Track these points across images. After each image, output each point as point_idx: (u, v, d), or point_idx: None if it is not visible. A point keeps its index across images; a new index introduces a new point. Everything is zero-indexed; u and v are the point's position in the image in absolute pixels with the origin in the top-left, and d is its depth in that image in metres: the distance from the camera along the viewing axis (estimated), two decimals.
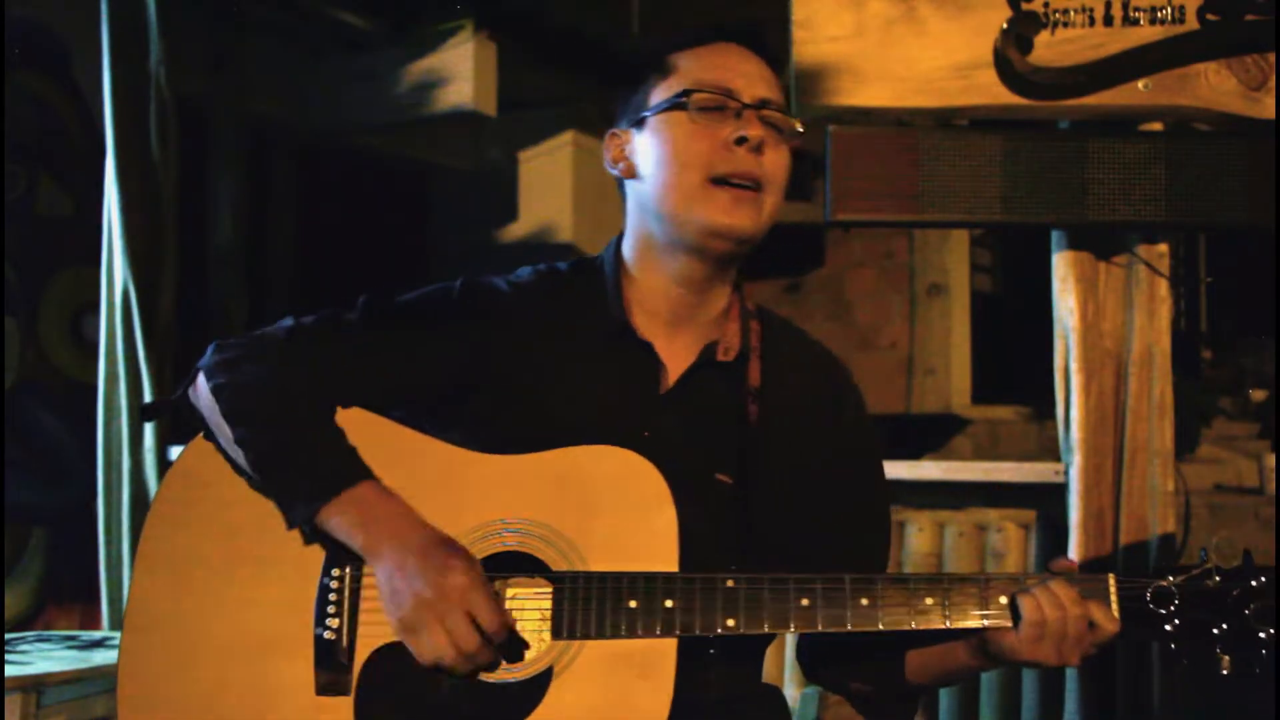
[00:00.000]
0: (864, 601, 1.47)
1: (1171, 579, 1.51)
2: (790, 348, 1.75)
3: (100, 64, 3.73)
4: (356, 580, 1.52)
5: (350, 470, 1.53)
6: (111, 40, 3.72)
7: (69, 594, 4.11)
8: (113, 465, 3.81)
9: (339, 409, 1.60)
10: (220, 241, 4.60)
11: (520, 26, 4.74)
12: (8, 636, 3.24)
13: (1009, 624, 1.49)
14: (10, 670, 2.74)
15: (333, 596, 1.53)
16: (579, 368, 1.64)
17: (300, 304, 5.19)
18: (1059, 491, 2.98)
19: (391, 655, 1.49)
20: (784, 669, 3.36)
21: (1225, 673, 1.48)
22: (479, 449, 1.60)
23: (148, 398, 3.74)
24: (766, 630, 1.47)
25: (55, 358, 4.17)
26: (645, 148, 1.65)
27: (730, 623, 1.46)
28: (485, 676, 1.47)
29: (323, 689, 1.49)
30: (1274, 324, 4.44)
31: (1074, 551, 2.91)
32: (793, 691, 3.37)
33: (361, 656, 1.50)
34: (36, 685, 2.75)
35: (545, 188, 5.65)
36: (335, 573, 1.54)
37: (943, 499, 3.43)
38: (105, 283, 3.79)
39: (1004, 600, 1.50)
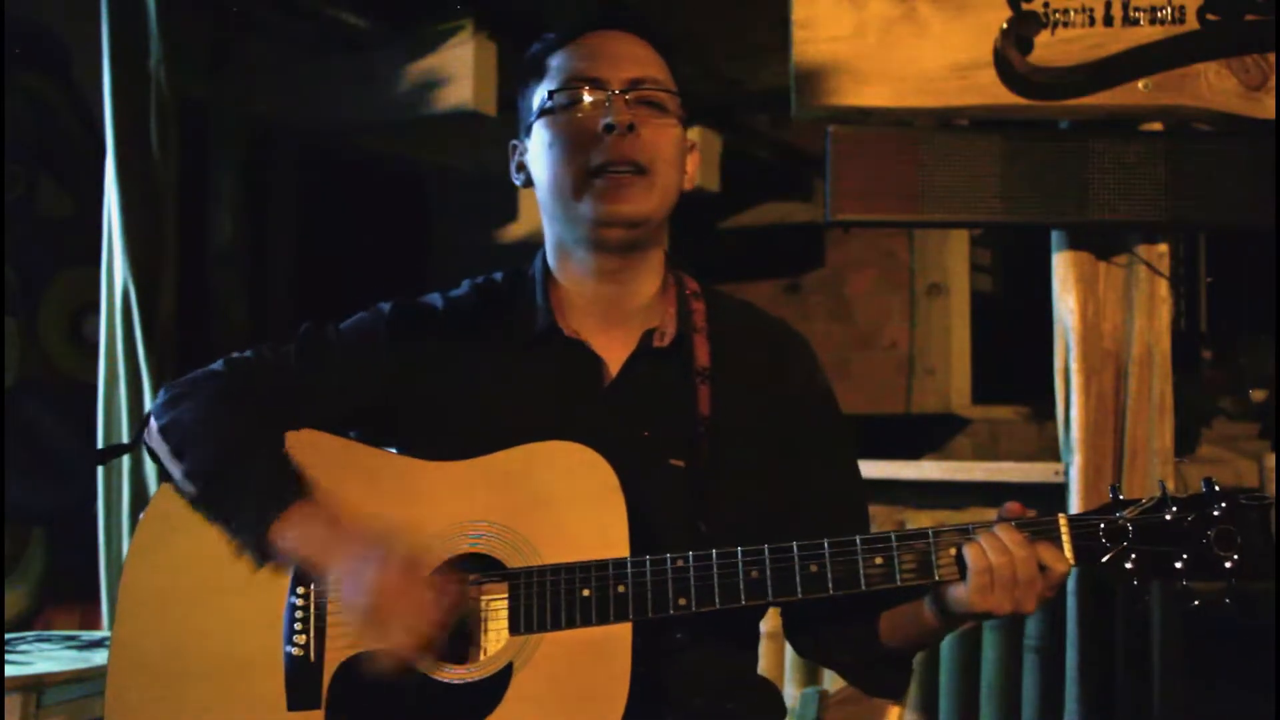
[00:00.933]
0: (813, 568, 1.48)
1: (1125, 513, 1.48)
2: (740, 323, 1.74)
3: (100, 64, 3.73)
4: (322, 596, 1.55)
5: (284, 491, 1.55)
6: (111, 40, 3.72)
7: (69, 594, 4.11)
8: (113, 465, 3.81)
9: (291, 432, 1.62)
10: (220, 241, 4.60)
11: (520, 26, 4.74)
12: (8, 636, 3.24)
13: (959, 577, 1.48)
14: (10, 670, 2.74)
15: (299, 614, 1.56)
16: (516, 374, 1.66)
17: (300, 304, 5.16)
18: (1059, 491, 2.98)
19: (358, 666, 1.52)
20: (784, 669, 3.37)
21: (1196, 603, 1.45)
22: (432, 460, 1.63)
23: (148, 398, 3.74)
24: (719, 606, 1.48)
25: (55, 358, 4.17)
26: (533, 153, 1.68)
27: (682, 601, 1.47)
28: (447, 677, 1.49)
29: (294, 704, 1.52)
30: (1274, 324, 4.44)
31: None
32: (793, 691, 3.37)
33: (329, 670, 1.53)
34: (36, 685, 2.75)
35: None
36: (300, 590, 1.57)
37: (943, 499, 3.44)
38: (105, 283, 3.79)
39: (953, 551, 1.49)
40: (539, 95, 1.66)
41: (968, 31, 2.83)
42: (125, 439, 3.77)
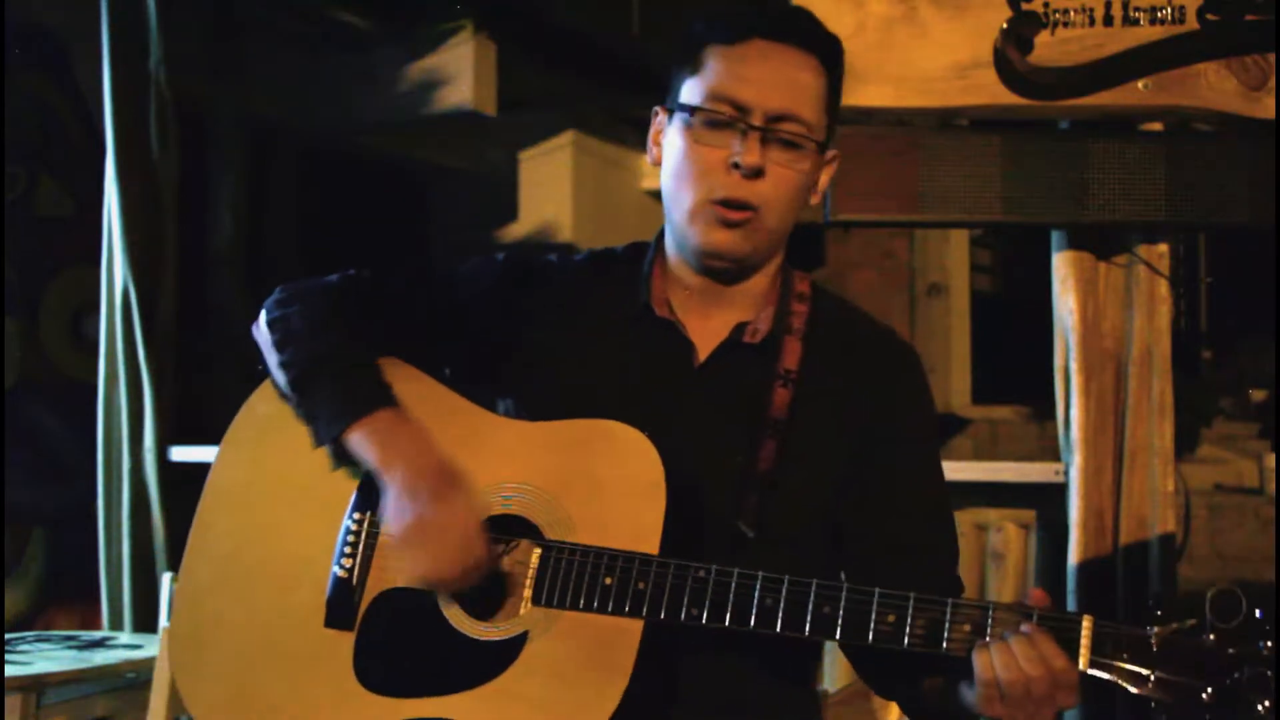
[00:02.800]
0: (825, 610, 1.45)
1: (1156, 630, 1.33)
2: (843, 330, 1.70)
3: (100, 64, 3.73)
4: (375, 526, 1.62)
5: (376, 396, 1.61)
6: (111, 40, 3.72)
7: (69, 594, 4.11)
8: (113, 465, 3.82)
9: (384, 359, 1.69)
10: (220, 241, 4.59)
11: (520, 26, 4.74)
12: (8, 636, 3.24)
13: (968, 656, 1.40)
14: (10, 670, 2.74)
15: (350, 538, 1.63)
16: (611, 344, 1.68)
17: None
18: (1059, 491, 2.98)
19: (392, 601, 1.60)
20: None
21: None
22: (506, 413, 1.70)
23: (148, 398, 3.74)
24: (729, 625, 1.48)
25: (55, 358, 4.17)
26: (667, 144, 1.65)
27: (694, 612, 1.48)
28: (469, 630, 1.54)
29: (330, 621, 1.60)
30: (1274, 324, 4.44)
31: (1074, 552, 2.90)
32: None
33: (368, 597, 1.60)
34: (36, 685, 2.75)
35: (545, 188, 5.65)
36: (356, 516, 1.63)
37: None
38: (105, 283, 3.80)
39: (967, 628, 1.41)
40: (687, 89, 1.61)
41: (968, 31, 2.83)
42: (125, 439, 3.77)
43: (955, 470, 3.48)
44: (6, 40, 3.90)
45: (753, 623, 1.47)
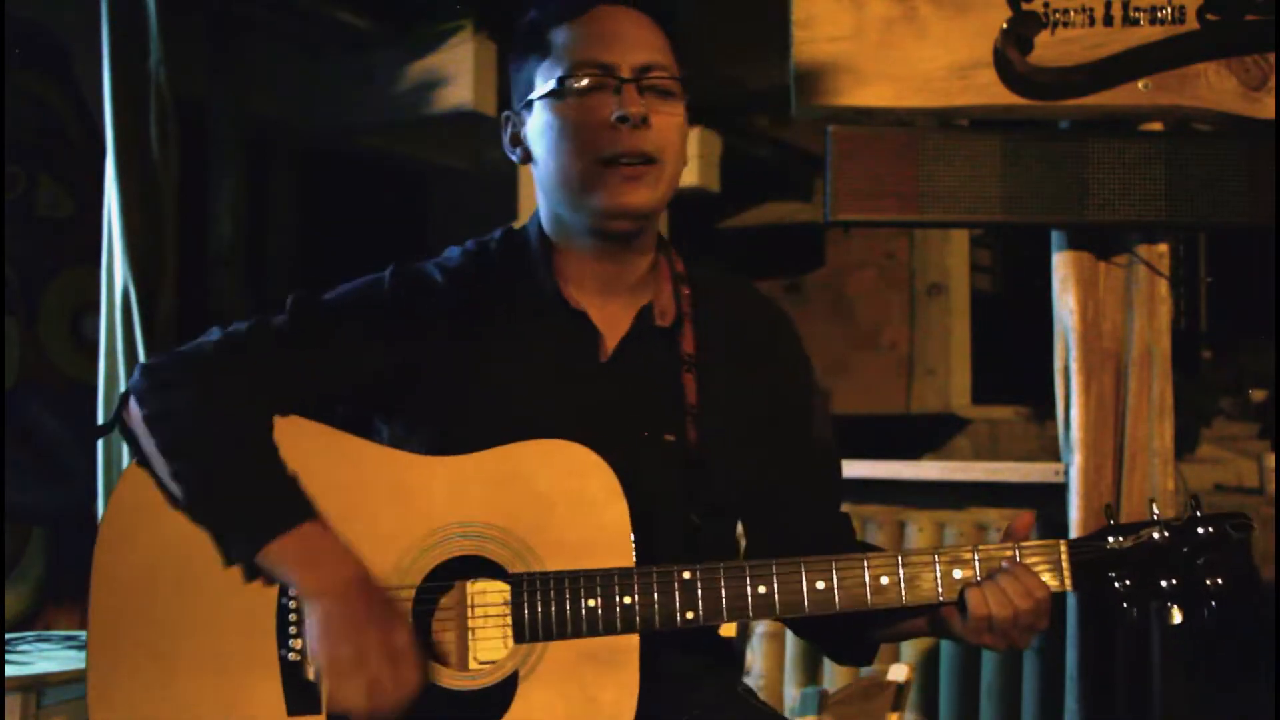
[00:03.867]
0: (820, 585, 1.49)
1: (1121, 539, 1.53)
2: (722, 305, 1.73)
3: (100, 64, 3.72)
4: None
5: (290, 510, 1.50)
6: (111, 40, 3.72)
7: (69, 594, 4.11)
8: (113, 465, 3.81)
9: (279, 417, 1.57)
10: (220, 241, 4.59)
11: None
12: (8, 636, 3.23)
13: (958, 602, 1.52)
14: (10, 670, 2.74)
15: (292, 616, 1.52)
16: (517, 343, 1.63)
17: None
18: (1059, 491, 2.98)
19: None
20: (783, 669, 3.37)
21: (1177, 622, 1.51)
22: (427, 437, 1.59)
23: None
24: (726, 620, 1.49)
25: (55, 358, 4.17)
26: (535, 132, 1.62)
27: (690, 615, 1.47)
28: (452, 684, 1.48)
29: (294, 708, 1.50)
30: (1274, 324, 4.44)
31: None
32: (793, 691, 3.37)
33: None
34: (36, 685, 2.75)
35: None
36: (291, 592, 1.52)
37: (943, 499, 3.44)
38: (105, 283, 3.79)
39: (958, 574, 1.52)
40: (542, 73, 1.60)
41: (968, 31, 2.83)
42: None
43: (955, 470, 3.50)
44: (6, 40, 3.90)
45: (751, 613, 1.48)
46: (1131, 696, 2.90)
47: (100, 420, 3.80)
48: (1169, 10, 2.76)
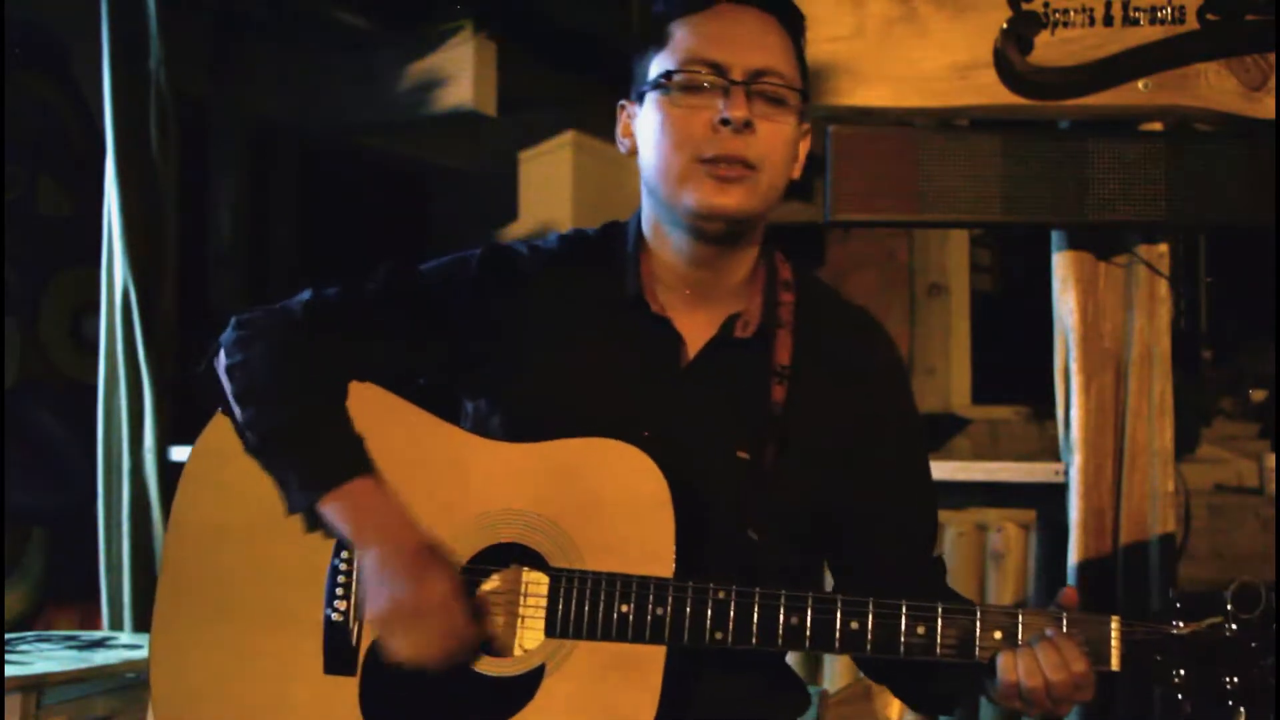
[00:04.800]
0: (853, 625, 1.44)
1: (1181, 626, 1.40)
2: (827, 319, 1.69)
3: (100, 64, 3.73)
4: None
5: (350, 463, 1.54)
6: (111, 40, 3.72)
7: (69, 594, 4.11)
8: (113, 465, 3.81)
9: (356, 385, 1.61)
10: (220, 241, 4.60)
11: (520, 26, 4.74)
12: (8, 636, 3.23)
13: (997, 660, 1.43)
14: (10, 670, 2.74)
15: (341, 579, 1.56)
16: (597, 340, 1.62)
17: None
18: (1059, 491, 2.98)
19: None
20: None
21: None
22: (499, 422, 1.62)
23: (148, 398, 3.74)
24: (755, 645, 1.45)
25: (55, 358, 4.17)
26: (643, 124, 1.61)
27: (719, 636, 1.45)
28: (482, 669, 1.49)
29: (330, 668, 1.53)
30: (1274, 324, 4.44)
31: (1074, 552, 2.90)
32: None
33: (367, 639, 1.54)
34: (36, 685, 2.75)
35: (545, 188, 5.64)
36: (344, 554, 1.57)
37: (943, 499, 3.42)
38: (105, 283, 3.79)
39: (998, 635, 1.43)
40: (656, 65, 1.58)
41: (968, 31, 2.83)
42: (125, 439, 3.77)
43: (955, 470, 3.49)
44: (6, 40, 3.90)
45: (780, 642, 1.45)
46: (1131, 696, 2.90)
47: (100, 421, 3.81)
48: (1169, 10, 2.76)
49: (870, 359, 1.69)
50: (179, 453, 3.76)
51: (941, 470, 3.57)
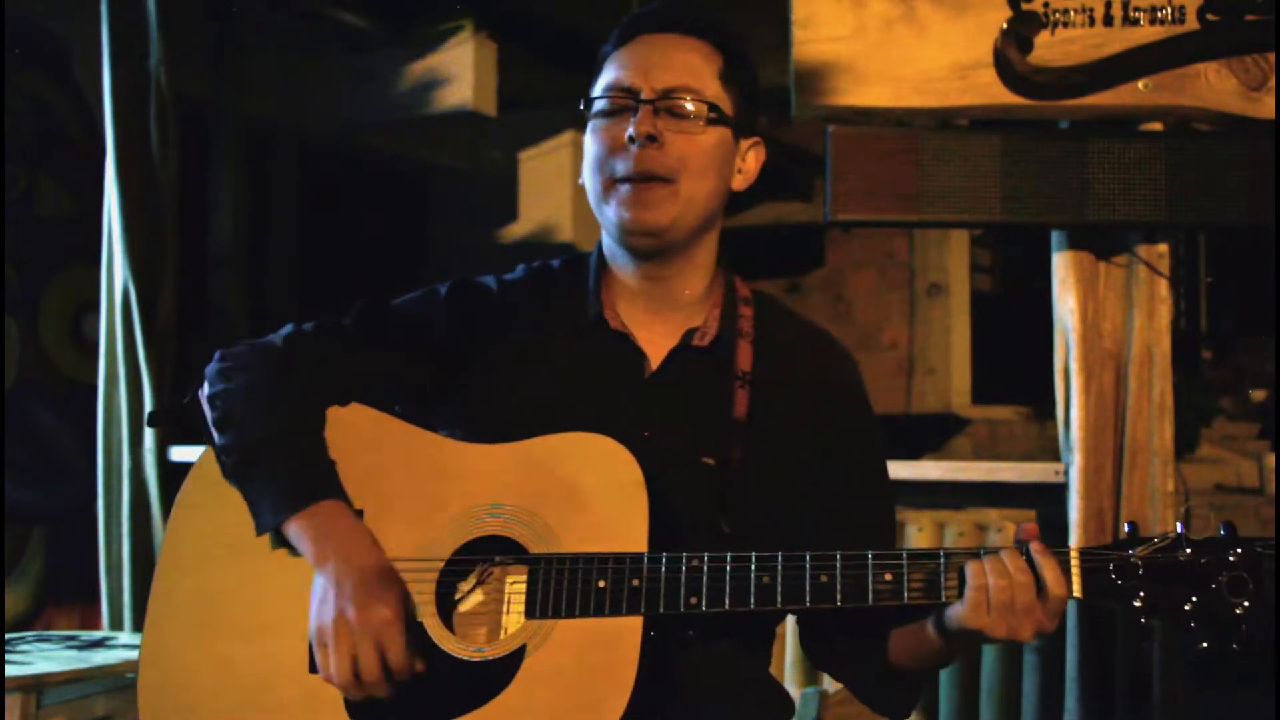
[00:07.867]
0: (823, 578, 1.49)
1: (1138, 550, 1.47)
2: (785, 331, 1.76)
3: (100, 64, 3.73)
4: None
5: (315, 487, 1.60)
6: (111, 40, 3.72)
7: (69, 594, 4.11)
8: (113, 465, 3.82)
9: (337, 406, 1.68)
10: (220, 241, 4.60)
11: (520, 26, 4.75)
12: (8, 636, 3.23)
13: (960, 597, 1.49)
14: (10, 670, 2.74)
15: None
16: (563, 360, 1.70)
17: (300, 304, 5.17)
18: (1059, 491, 2.98)
19: None
20: (784, 669, 3.37)
21: (1204, 646, 1.44)
22: (471, 441, 1.68)
23: (148, 398, 3.74)
24: (728, 608, 1.50)
25: (55, 358, 4.17)
26: (584, 151, 1.72)
27: (693, 601, 1.50)
28: (464, 654, 1.54)
29: (315, 667, 1.57)
30: (1274, 324, 4.44)
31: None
32: (794, 690, 3.37)
33: None
34: (36, 685, 2.75)
35: (545, 188, 5.65)
36: None
37: (943, 499, 3.43)
38: (105, 283, 3.80)
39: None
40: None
41: (968, 31, 2.83)
42: (125, 439, 3.77)
43: (955, 470, 3.49)
44: (6, 40, 3.90)
45: (753, 602, 1.50)
46: (1131, 698, 2.90)
47: (100, 421, 3.81)
48: (1169, 10, 2.76)
49: (828, 369, 1.76)
50: (179, 453, 3.76)
51: (941, 470, 3.58)
